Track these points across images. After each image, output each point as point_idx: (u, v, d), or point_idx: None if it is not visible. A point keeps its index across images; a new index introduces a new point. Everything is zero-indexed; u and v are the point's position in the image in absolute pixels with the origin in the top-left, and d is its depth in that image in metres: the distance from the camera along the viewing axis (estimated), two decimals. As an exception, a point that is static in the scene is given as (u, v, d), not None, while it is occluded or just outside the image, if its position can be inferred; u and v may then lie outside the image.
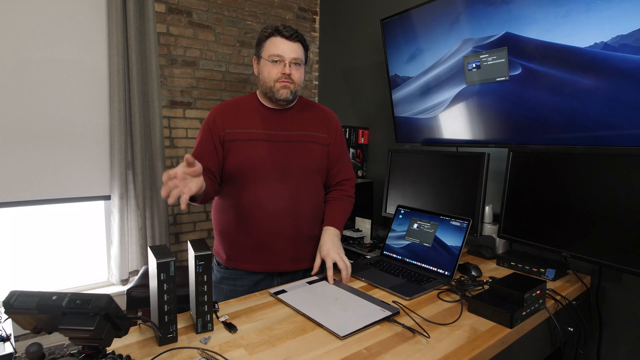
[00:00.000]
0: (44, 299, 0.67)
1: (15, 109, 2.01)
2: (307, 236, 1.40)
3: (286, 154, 1.35)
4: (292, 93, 1.34)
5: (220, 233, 1.40)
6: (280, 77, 1.31)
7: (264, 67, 1.34)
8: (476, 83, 1.77)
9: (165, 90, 2.46)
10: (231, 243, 1.38)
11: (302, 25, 3.04)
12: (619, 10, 1.30)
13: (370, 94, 2.67)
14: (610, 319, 1.54)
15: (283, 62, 1.31)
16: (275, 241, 1.34)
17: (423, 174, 1.84)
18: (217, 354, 0.88)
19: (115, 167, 2.22)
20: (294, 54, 1.31)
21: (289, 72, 1.31)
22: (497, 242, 1.70)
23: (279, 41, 1.31)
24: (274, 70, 1.31)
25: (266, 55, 1.33)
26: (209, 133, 1.35)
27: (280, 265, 1.37)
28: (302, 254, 1.40)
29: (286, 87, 1.32)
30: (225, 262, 1.39)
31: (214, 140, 1.34)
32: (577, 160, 1.35)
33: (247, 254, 1.36)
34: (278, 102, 1.36)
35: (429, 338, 0.97)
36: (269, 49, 1.32)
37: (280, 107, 1.40)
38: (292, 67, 1.32)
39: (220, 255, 1.41)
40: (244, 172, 1.33)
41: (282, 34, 1.31)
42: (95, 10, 2.19)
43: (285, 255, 1.37)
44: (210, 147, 1.34)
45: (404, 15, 2.02)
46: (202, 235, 2.70)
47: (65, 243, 2.30)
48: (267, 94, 1.36)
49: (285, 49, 1.31)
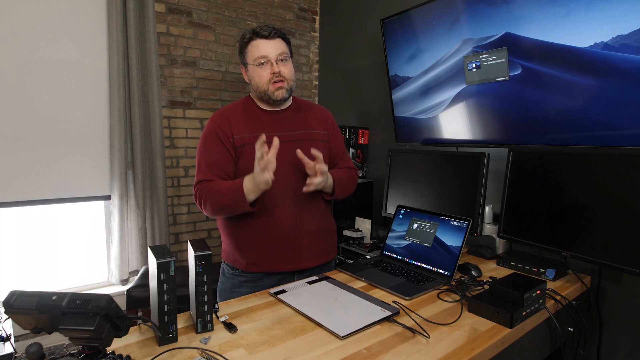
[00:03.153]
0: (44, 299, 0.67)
1: (15, 109, 2.01)
2: (324, 230, 1.43)
3: (293, 153, 1.35)
4: (287, 91, 1.35)
5: (236, 239, 1.37)
6: (271, 77, 1.32)
7: (254, 73, 1.34)
8: (476, 83, 1.77)
9: (165, 90, 2.46)
10: (250, 247, 1.35)
11: (302, 25, 3.04)
12: (619, 10, 1.30)
13: (370, 94, 2.67)
14: (610, 319, 1.54)
15: (270, 61, 1.31)
16: (296, 239, 1.35)
17: (423, 174, 1.84)
18: (217, 354, 0.88)
19: (115, 167, 2.22)
20: (278, 50, 1.32)
21: (278, 70, 1.31)
22: (497, 242, 1.70)
23: (259, 43, 1.31)
24: (263, 72, 1.32)
25: (252, 60, 1.33)
26: (218, 141, 1.33)
27: (302, 262, 1.37)
28: (320, 247, 1.42)
29: (280, 87, 1.33)
30: (245, 267, 1.37)
31: (227, 146, 1.33)
32: (577, 160, 1.35)
33: (269, 256, 1.35)
34: (275, 102, 1.36)
35: (429, 338, 0.97)
36: (252, 53, 1.33)
37: (278, 108, 1.41)
38: (279, 64, 1.32)
39: (238, 261, 1.38)
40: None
41: (261, 34, 1.31)
42: (95, 10, 2.19)
43: (306, 251, 1.38)
44: (225, 153, 1.33)
45: (404, 15, 2.02)
46: (202, 235, 2.70)
47: (65, 243, 2.29)
48: (263, 98, 1.36)
49: (268, 48, 1.31)
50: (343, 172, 1.46)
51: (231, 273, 1.41)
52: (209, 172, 1.31)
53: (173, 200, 2.54)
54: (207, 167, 1.32)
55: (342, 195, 1.45)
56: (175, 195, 2.55)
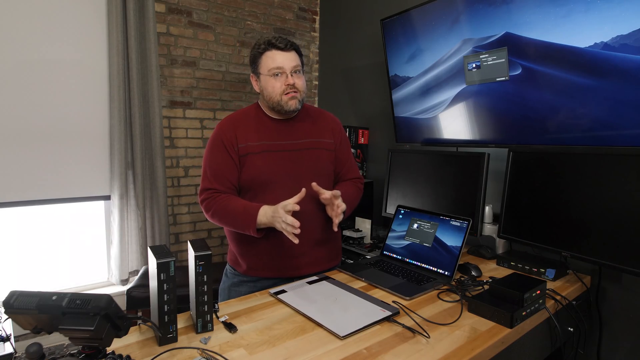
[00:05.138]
0: (44, 299, 0.67)
1: (15, 109, 2.01)
2: (323, 239, 1.42)
3: (297, 162, 1.36)
4: (300, 102, 1.36)
5: (239, 244, 1.39)
6: (285, 89, 1.31)
7: (267, 83, 1.33)
8: (476, 83, 1.77)
9: (165, 90, 2.46)
10: (251, 253, 1.37)
11: (302, 25, 3.04)
12: (619, 10, 1.30)
13: (370, 94, 2.67)
14: (610, 319, 1.54)
15: (284, 73, 1.31)
16: (296, 247, 1.34)
17: (423, 174, 1.84)
18: (217, 354, 0.88)
19: (115, 167, 2.22)
20: (293, 62, 1.32)
21: (293, 82, 1.31)
22: (497, 242, 1.70)
23: (275, 54, 1.31)
24: (277, 83, 1.32)
25: (265, 71, 1.33)
26: (224, 149, 1.34)
27: (301, 269, 1.38)
28: (319, 256, 1.42)
29: (294, 97, 1.33)
30: (245, 271, 1.39)
31: (231, 155, 1.34)
32: (577, 160, 1.35)
33: (269, 263, 1.36)
34: (287, 113, 1.37)
35: (429, 338, 0.97)
36: (266, 64, 1.32)
37: (287, 117, 1.41)
38: (294, 76, 1.32)
39: (240, 265, 1.40)
40: (259, 184, 1.34)
41: (277, 46, 1.31)
42: (95, 10, 2.19)
43: (305, 259, 1.38)
44: (230, 162, 1.34)
45: (404, 15, 2.02)
46: (202, 235, 2.70)
47: (65, 243, 2.29)
48: (275, 108, 1.36)
49: (283, 60, 1.31)
50: (351, 189, 1.46)
51: (232, 273, 1.44)
52: (215, 182, 1.33)
53: (173, 200, 2.54)
54: (213, 176, 1.34)
55: (350, 211, 1.45)
56: (175, 195, 2.55)
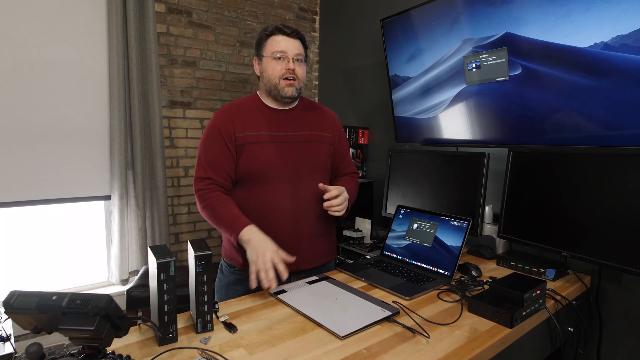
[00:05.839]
0: (44, 299, 0.67)
1: (15, 109, 2.01)
2: (322, 233, 1.42)
3: (296, 154, 1.36)
4: (297, 90, 1.36)
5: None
6: (284, 73, 1.32)
7: (268, 65, 1.34)
8: (476, 83, 1.77)
9: (165, 90, 2.46)
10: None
11: (302, 25, 3.04)
12: (619, 10, 1.30)
13: (370, 94, 2.67)
14: (610, 319, 1.54)
15: (286, 57, 1.32)
16: (294, 241, 1.34)
17: (423, 174, 1.84)
18: (217, 354, 0.88)
19: (115, 167, 2.22)
20: (297, 50, 1.34)
21: (293, 67, 1.32)
22: (497, 242, 1.70)
23: (280, 38, 1.33)
24: (277, 66, 1.32)
25: (269, 53, 1.33)
26: (221, 139, 1.33)
27: (299, 264, 1.36)
28: (318, 250, 1.42)
29: (291, 85, 1.33)
30: (242, 266, 1.35)
31: (228, 146, 1.33)
32: (577, 160, 1.35)
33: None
34: (283, 99, 1.36)
35: (429, 338, 0.97)
36: (271, 46, 1.33)
37: (285, 107, 1.41)
38: (295, 63, 1.33)
39: (235, 259, 1.37)
40: (257, 175, 1.33)
41: (283, 31, 1.33)
42: (95, 10, 2.19)
43: (304, 253, 1.36)
44: (227, 153, 1.33)
45: (404, 15, 2.02)
46: (202, 235, 2.70)
47: (65, 243, 2.29)
48: (272, 92, 1.36)
49: (288, 45, 1.32)
50: (351, 184, 1.47)
51: (229, 270, 1.41)
52: (210, 170, 1.32)
53: (173, 200, 2.54)
54: (209, 165, 1.32)
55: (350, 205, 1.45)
56: (175, 195, 2.55)
